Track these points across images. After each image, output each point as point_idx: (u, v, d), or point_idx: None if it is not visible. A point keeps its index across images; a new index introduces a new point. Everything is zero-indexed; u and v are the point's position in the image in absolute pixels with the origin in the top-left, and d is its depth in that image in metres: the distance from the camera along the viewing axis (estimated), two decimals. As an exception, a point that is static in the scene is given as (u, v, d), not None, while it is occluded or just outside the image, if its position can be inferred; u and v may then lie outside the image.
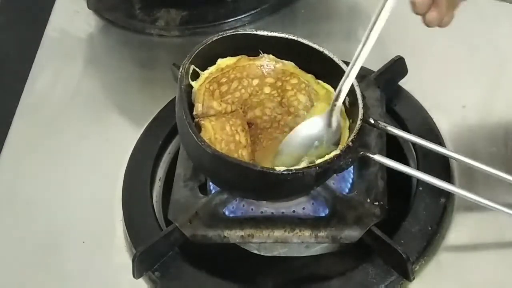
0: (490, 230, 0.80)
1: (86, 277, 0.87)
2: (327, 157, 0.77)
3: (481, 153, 0.89)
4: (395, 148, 0.89)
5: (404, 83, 0.96)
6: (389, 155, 0.85)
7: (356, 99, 0.81)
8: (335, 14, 1.10)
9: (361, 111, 0.80)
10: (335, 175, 0.82)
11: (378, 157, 0.80)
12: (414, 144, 0.89)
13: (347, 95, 0.82)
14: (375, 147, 0.86)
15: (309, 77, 0.86)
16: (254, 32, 0.86)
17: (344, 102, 0.83)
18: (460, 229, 0.82)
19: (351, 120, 0.82)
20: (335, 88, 0.84)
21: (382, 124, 0.83)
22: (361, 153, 0.79)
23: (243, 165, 0.77)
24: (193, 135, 0.77)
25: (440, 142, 0.89)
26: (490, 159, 0.88)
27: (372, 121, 0.83)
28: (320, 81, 0.86)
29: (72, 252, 0.89)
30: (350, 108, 0.82)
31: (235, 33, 0.86)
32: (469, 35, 1.02)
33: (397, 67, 0.95)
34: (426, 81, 0.97)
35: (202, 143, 0.77)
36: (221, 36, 0.85)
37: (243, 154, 0.80)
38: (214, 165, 0.78)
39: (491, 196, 0.79)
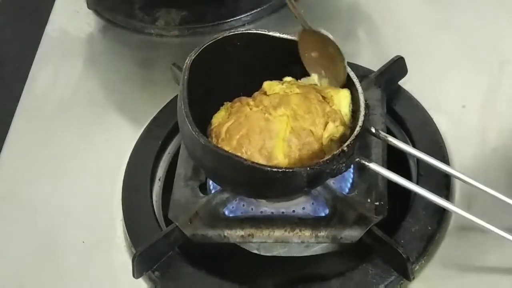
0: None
1: (86, 277, 0.87)
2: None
3: (481, 153, 0.89)
4: (394, 148, 0.88)
5: (404, 83, 0.96)
6: (389, 154, 0.85)
7: (359, 107, 0.81)
8: (335, 14, 1.10)
9: (361, 118, 0.80)
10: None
11: (374, 166, 0.79)
12: (414, 145, 0.89)
13: (352, 102, 0.83)
14: (376, 154, 0.86)
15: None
16: (266, 33, 0.86)
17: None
18: (460, 229, 0.82)
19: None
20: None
21: (383, 134, 0.83)
22: (357, 159, 0.79)
23: (234, 158, 0.77)
24: (189, 125, 0.77)
25: (440, 142, 0.89)
26: (489, 159, 0.88)
27: (373, 130, 0.83)
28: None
29: (72, 252, 0.89)
30: (353, 115, 0.82)
31: (247, 31, 0.86)
32: (469, 35, 1.02)
33: (397, 66, 0.95)
34: (426, 81, 0.97)
35: (196, 133, 0.77)
36: (232, 33, 0.85)
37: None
38: (206, 157, 0.79)
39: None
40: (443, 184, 0.84)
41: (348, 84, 0.84)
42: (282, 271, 0.85)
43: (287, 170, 0.76)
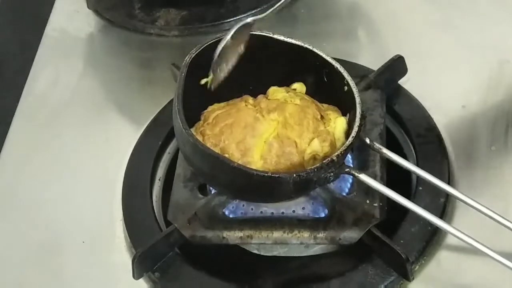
0: (489, 229, 0.80)
1: (86, 277, 0.87)
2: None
3: (481, 153, 0.89)
4: (394, 148, 0.88)
5: (404, 82, 0.96)
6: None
7: (355, 117, 0.81)
8: (335, 14, 1.10)
9: (355, 128, 0.80)
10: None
11: (364, 177, 0.79)
12: (414, 145, 0.90)
13: (348, 112, 0.83)
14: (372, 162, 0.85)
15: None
16: (271, 35, 0.86)
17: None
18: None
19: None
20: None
21: (377, 146, 0.82)
22: (347, 170, 0.79)
23: (221, 159, 0.77)
24: (180, 122, 0.78)
25: (440, 142, 0.89)
26: (489, 159, 0.88)
27: (368, 141, 0.82)
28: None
29: (72, 252, 0.89)
30: (350, 124, 0.82)
31: (251, 33, 0.86)
32: (469, 35, 1.02)
33: (396, 66, 0.95)
34: (426, 80, 0.97)
35: (186, 131, 0.77)
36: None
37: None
38: (195, 155, 0.79)
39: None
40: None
41: (347, 91, 0.84)
42: (282, 271, 0.84)
43: (273, 175, 0.76)
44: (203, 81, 0.83)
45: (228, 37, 0.81)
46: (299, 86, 0.87)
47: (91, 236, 0.90)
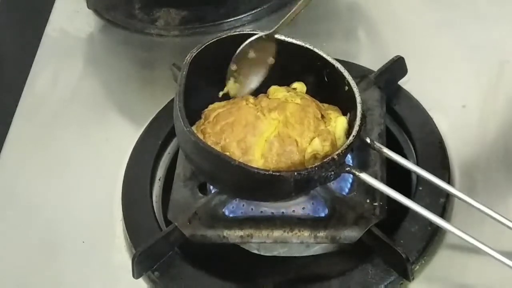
0: (489, 229, 0.80)
1: (86, 277, 0.87)
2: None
3: (481, 153, 0.89)
4: (394, 148, 0.88)
5: (404, 83, 0.96)
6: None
7: (355, 116, 0.81)
8: (335, 14, 1.10)
9: (356, 128, 0.80)
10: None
11: (364, 176, 0.79)
12: (414, 145, 0.90)
13: (349, 111, 0.83)
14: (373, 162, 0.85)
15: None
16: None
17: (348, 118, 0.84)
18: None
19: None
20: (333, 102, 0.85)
21: (378, 145, 0.82)
22: (347, 169, 0.79)
23: (222, 157, 0.77)
24: (181, 121, 0.78)
25: (440, 142, 0.89)
26: (490, 159, 0.88)
27: (368, 140, 0.82)
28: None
29: (72, 252, 0.89)
30: (351, 124, 0.82)
31: (251, 32, 0.86)
32: (469, 35, 1.02)
33: (397, 66, 0.95)
34: (426, 81, 0.97)
35: (188, 129, 0.77)
36: (236, 33, 0.85)
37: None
38: (196, 153, 0.79)
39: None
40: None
41: (347, 91, 0.84)
42: (282, 271, 0.85)
43: (274, 174, 0.76)
44: (220, 94, 0.85)
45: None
46: (299, 86, 0.87)
47: (91, 236, 0.90)
